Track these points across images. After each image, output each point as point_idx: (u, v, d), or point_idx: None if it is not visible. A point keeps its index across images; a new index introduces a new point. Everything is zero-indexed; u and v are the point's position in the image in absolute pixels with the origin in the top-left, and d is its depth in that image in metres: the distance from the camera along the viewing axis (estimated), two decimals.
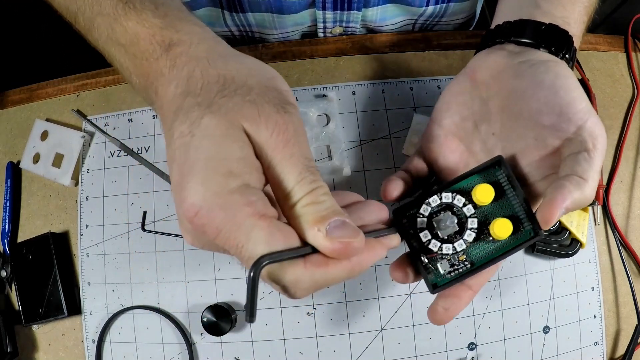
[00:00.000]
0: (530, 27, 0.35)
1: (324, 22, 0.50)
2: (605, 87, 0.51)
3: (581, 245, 0.45)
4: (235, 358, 0.44)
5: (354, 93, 0.48)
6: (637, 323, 0.45)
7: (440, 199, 0.32)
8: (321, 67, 0.49)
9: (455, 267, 0.32)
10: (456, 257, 0.32)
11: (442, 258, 0.32)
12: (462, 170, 0.33)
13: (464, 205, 0.31)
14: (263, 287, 0.44)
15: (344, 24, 0.50)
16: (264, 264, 0.22)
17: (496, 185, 0.31)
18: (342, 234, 0.24)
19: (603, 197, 0.47)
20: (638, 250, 0.47)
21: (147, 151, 0.47)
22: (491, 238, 0.31)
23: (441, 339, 0.44)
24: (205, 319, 0.42)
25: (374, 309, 0.44)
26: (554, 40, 0.34)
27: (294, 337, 0.44)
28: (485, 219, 0.32)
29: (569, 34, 0.35)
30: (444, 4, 0.51)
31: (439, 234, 0.31)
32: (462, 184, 0.33)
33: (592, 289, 0.46)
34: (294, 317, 0.44)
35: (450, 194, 0.32)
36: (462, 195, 0.32)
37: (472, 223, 0.31)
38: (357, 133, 0.47)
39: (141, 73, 0.29)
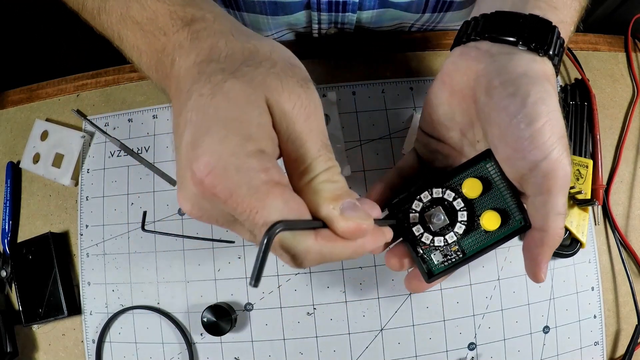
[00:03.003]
0: (507, 21, 0.32)
1: (319, 23, 0.50)
2: (605, 87, 0.51)
3: (581, 245, 0.45)
4: (235, 358, 0.44)
5: (354, 93, 0.48)
6: (637, 323, 0.45)
7: (431, 194, 0.34)
8: (321, 67, 0.49)
9: (449, 257, 0.34)
10: (449, 248, 0.34)
11: (435, 249, 0.34)
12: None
13: (454, 199, 0.33)
14: (263, 287, 0.44)
15: (339, 25, 0.50)
16: (279, 230, 0.22)
17: (486, 179, 0.33)
18: (355, 215, 0.25)
19: (603, 197, 0.47)
20: (638, 250, 0.47)
21: (147, 151, 0.47)
22: (482, 229, 0.33)
23: (441, 339, 0.44)
24: (205, 319, 0.42)
25: (374, 309, 0.44)
26: (534, 34, 0.31)
27: (294, 337, 0.44)
28: (475, 211, 0.33)
29: (552, 24, 0.32)
30: (441, 13, 0.50)
31: (431, 228, 0.33)
32: (452, 179, 0.34)
33: (592, 289, 0.46)
34: (294, 317, 0.44)
35: (440, 189, 0.33)
36: (451, 190, 0.33)
37: (462, 216, 0.33)
38: (357, 133, 0.47)
39: (155, 49, 0.29)
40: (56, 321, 0.46)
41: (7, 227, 0.48)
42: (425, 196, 0.34)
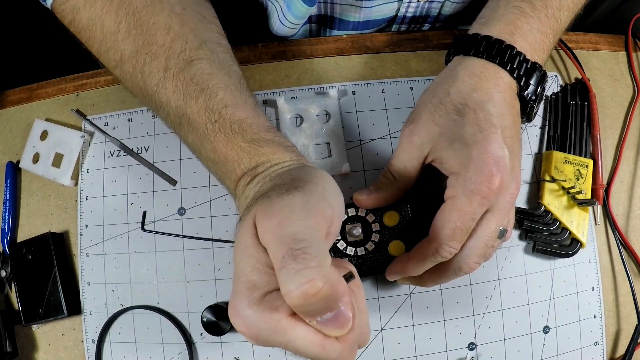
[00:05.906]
0: (478, 42, 0.38)
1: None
2: (605, 87, 0.51)
3: (581, 245, 0.45)
4: (235, 358, 0.44)
5: (354, 93, 0.48)
6: (637, 323, 0.45)
7: (357, 211, 0.40)
8: (321, 66, 0.49)
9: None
10: (355, 259, 0.39)
11: (344, 256, 0.39)
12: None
13: (374, 221, 0.39)
14: None
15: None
16: None
17: (403, 215, 0.39)
18: None
19: (603, 197, 0.47)
20: (638, 250, 0.47)
21: (147, 151, 0.47)
22: (388, 253, 0.39)
23: (441, 339, 0.44)
24: (205, 319, 0.42)
25: (374, 309, 0.44)
26: (498, 53, 0.37)
27: None
28: (387, 237, 0.39)
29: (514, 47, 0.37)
30: None
31: (348, 238, 0.39)
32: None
33: (592, 289, 0.46)
34: None
35: (365, 210, 0.39)
36: (374, 213, 0.39)
37: (375, 237, 0.39)
38: (357, 133, 0.47)
39: (222, 178, 0.36)
40: (56, 321, 0.46)
41: (6, 227, 0.48)
42: (352, 211, 0.40)
